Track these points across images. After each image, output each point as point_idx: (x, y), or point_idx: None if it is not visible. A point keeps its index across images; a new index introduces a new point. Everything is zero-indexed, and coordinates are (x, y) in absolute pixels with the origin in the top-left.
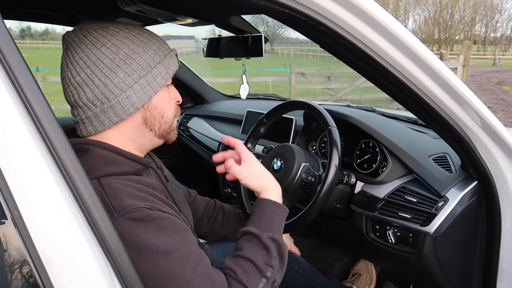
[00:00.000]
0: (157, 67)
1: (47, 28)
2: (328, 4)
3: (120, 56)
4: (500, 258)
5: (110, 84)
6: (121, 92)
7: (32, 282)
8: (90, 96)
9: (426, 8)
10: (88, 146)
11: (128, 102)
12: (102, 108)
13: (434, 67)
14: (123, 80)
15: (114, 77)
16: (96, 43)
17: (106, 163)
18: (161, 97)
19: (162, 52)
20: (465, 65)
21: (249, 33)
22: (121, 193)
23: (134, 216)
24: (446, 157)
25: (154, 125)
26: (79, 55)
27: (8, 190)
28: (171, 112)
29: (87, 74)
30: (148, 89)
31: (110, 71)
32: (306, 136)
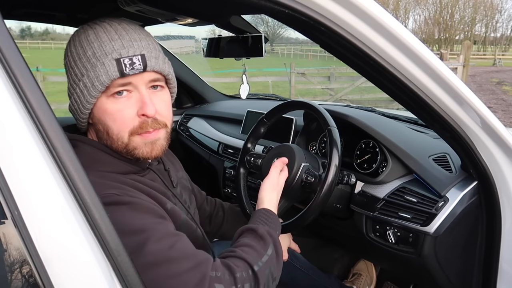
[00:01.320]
0: (84, 79)
1: (47, 28)
2: (328, 4)
3: (68, 63)
4: (500, 258)
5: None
6: (69, 98)
7: (32, 282)
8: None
9: (426, 8)
10: (76, 142)
11: (72, 111)
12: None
13: (434, 67)
14: (69, 88)
15: (69, 79)
16: (71, 39)
17: (93, 162)
18: (101, 110)
19: (95, 58)
20: (465, 65)
21: (249, 33)
22: (94, 184)
23: (105, 201)
24: (446, 157)
25: (105, 139)
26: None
27: (8, 190)
28: (117, 128)
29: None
30: (79, 101)
31: (68, 72)
32: (306, 136)
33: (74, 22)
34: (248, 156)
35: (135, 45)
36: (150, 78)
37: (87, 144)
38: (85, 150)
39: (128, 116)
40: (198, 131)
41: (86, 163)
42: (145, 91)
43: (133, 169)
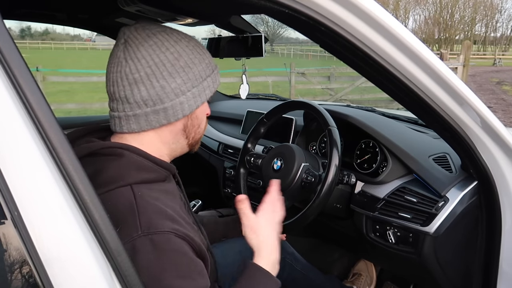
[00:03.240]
0: (207, 80)
1: (47, 28)
2: (328, 4)
3: (180, 63)
4: (500, 258)
5: (167, 88)
6: (176, 97)
7: (32, 282)
8: (144, 95)
9: (426, 8)
10: (122, 150)
11: (179, 107)
12: (153, 109)
13: (434, 67)
14: (179, 86)
15: (172, 82)
16: (161, 46)
17: (139, 170)
18: (203, 108)
19: (212, 66)
20: (465, 65)
21: (249, 33)
22: (151, 208)
23: (155, 238)
24: (446, 157)
25: (190, 133)
26: (142, 53)
27: (8, 190)
28: (205, 123)
29: (147, 73)
30: (197, 99)
31: (170, 76)
32: (306, 136)
33: (74, 22)
34: (248, 156)
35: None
36: None
37: (135, 153)
38: (132, 159)
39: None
40: None
41: (135, 171)
42: None
43: (166, 174)
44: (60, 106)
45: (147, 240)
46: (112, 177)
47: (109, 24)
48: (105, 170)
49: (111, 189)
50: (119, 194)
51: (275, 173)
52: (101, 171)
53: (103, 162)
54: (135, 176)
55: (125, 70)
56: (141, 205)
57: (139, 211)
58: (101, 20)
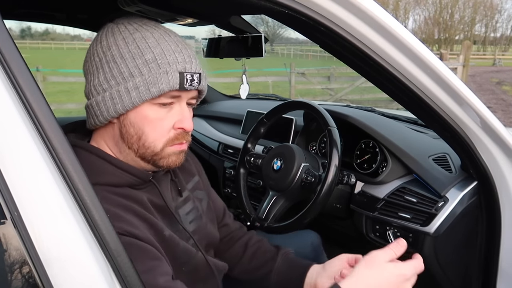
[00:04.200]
0: (137, 80)
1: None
2: (328, 4)
3: (107, 57)
4: (500, 258)
5: (91, 83)
6: (97, 94)
7: (32, 282)
8: (85, 90)
9: (426, 8)
10: (77, 149)
11: (98, 107)
12: (86, 105)
13: (434, 67)
14: (101, 83)
15: (95, 78)
16: (97, 39)
17: (93, 172)
18: (141, 115)
19: (157, 64)
20: (465, 65)
21: (249, 33)
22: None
23: None
24: (446, 157)
25: (131, 143)
26: (90, 48)
27: (8, 190)
28: (154, 137)
29: (85, 67)
30: (118, 100)
31: (96, 70)
32: (306, 136)
33: (74, 22)
34: (248, 156)
35: (193, 62)
36: (193, 96)
37: (92, 153)
38: (88, 159)
39: (166, 127)
40: (198, 131)
41: (88, 173)
42: (185, 106)
43: (134, 182)
44: (60, 106)
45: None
46: None
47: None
48: None
49: None
50: None
51: (275, 173)
52: None
53: None
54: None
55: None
56: None
57: None
58: (101, 20)
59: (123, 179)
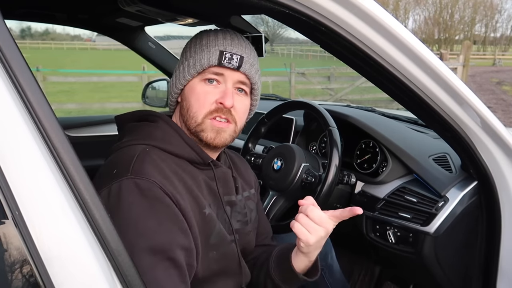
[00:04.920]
0: (191, 58)
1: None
2: (328, 4)
3: (188, 44)
4: (500, 258)
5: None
6: (173, 74)
7: (33, 281)
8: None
9: (426, 8)
10: (157, 118)
11: (170, 87)
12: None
13: (434, 67)
14: (178, 65)
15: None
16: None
17: (164, 138)
18: (191, 89)
19: (202, 45)
20: (465, 65)
21: (249, 33)
22: (149, 161)
23: (140, 183)
24: (446, 157)
25: (184, 116)
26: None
27: (9, 189)
28: (197, 107)
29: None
30: (180, 75)
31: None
32: (306, 136)
33: (74, 22)
34: (248, 156)
35: (239, 47)
36: (240, 79)
37: (166, 122)
38: (163, 128)
39: (209, 100)
40: None
41: (160, 138)
42: (231, 86)
43: (195, 159)
44: (60, 106)
45: (132, 182)
46: (139, 136)
47: (109, 24)
48: (138, 130)
49: (131, 144)
50: (133, 148)
51: (275, 173)
52: (134, 131)
53: (142, 125)
54: (157, 140)
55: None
56: (141, 156)
57: (137, 159)
58: (101, 20)
59: (185, 151)
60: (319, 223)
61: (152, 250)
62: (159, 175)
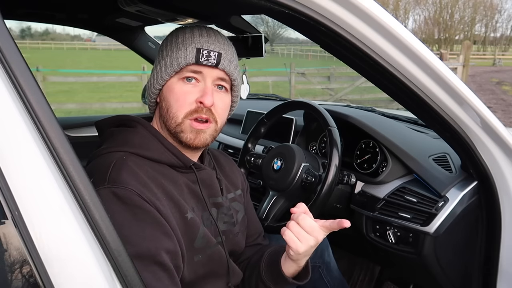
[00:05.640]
0: (168, 58)
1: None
2: (328, 4)
3: (164, 44)
4: (500, 257)
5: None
6: (151, 74)
7: (33, 282)
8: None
9: (426, 8)
10: (135, 123)
11: (148, 88)
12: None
13: (434, 67)
14: (154, 65)
15: (155, 61)
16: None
17: (142, 144)
18: (169, 89)
19: (180, 44)
20: (465, 65)
21: (249, 33)
22: (125, 168)
23: (117, 192)
24: (446, 157)
25: (163, 117)
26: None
27: (9, 190)
28: (176, 107)
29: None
30: (158, 76)
31: (157, 54)
32: (306, 136)
33: (74, 22)
34: (248, 156)
35: (217, 44)
36: (219, 76)
37: (144, 127)
38: (141, 132)
39: (188, 99)
40: None
41: (137, 144)
42: (210, 84)
43: (175, 163)
44: (60, 106)
45: (109, 191)
46: (117, 142)
47: (109, 24)
48: (116, 136)
49: (109, 152)
50: (110, 155)
51: (275, 173)
52: (113, 137)
53: (120, 131)
54: (135, 147)
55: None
56: (118, 164)
57: (113, 168)
58: (101, 20)
59: (164, 156)
60: (310, 233)
61: (139, 256)
62: (136, 182)
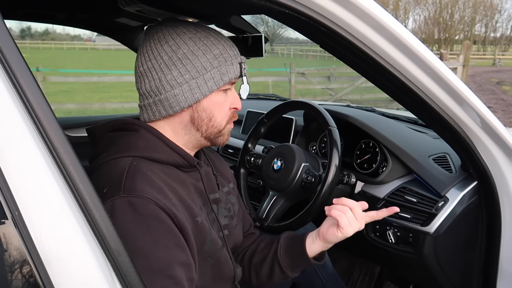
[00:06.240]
0: (212, 71)
1: (47, 28)
2: (328, 4)
3: (178, 55)
4: (500, 257)
5: (163, 80)
6: (171, 89)
7: (33, 282)
8: (147, 87)
9: (426, 8)
10: (138, 127)
11: (175, 99)
12: (154, 100)
13: (434, 67)
14: (175, 78)
15: (168, 74)
16: (161, 39)
17: (148, 147)
18: (212, 101)
19: (224, 58)
20: (465, 65)
21: (249, 33)
22: (140, 176)
23: (133, 201)
24: (446, 157)
25: (201, 126)
26: (146, 48)
27: (9, 190)
28: (221, 117)
29: (148, 66)
30: (196, 91)
31: (166, 68)
32: (306, 136)
33: (74, 22)
34: (248, 156)
35: (240, 53)
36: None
37: (147, 130)
38: (145, 136)
39: (227, 108)
40: None
41: (143, 146)
42: (234, 89)
43: (181, 163)
44: (60, 106)
45: (125, 201)
46: (121, 148)
47: (109, 24)
48: (118, 141)
49: (115, 158)
50: (118, 162)
51: (275, 173)
52: (114, 142)
53: (121, 135)
54: (141, 150)
55: (136, 63)
56: (131, 171)
57: (127, 175)
58: (101, 20)
59: (171, 157)
60: (359, 220)
61: (151, 269)
62: (152, 189)
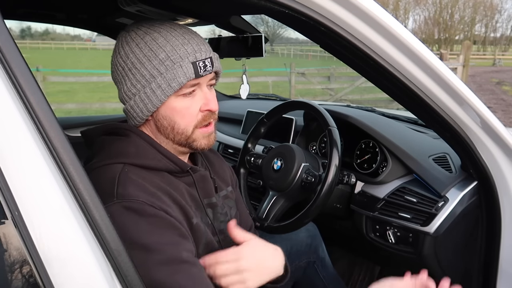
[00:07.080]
0: (158, 79)
1: (47, 28)
2: (328, 4)
3: (128, 65)
4: (500, 258)
5: (122, 91)
6: (129, 99)
7: (32, 282)
8: (119, 96)
9: (426, 8)
10: (129, 132)
11: (133, 110)
12: (124, 109)
13: (434, 67)
14: (129, 89)
15: (124, 85)
16: (116, 49)
17: (138, 153)
18: (170, 108)
19: (171, 61)
20: (465, 65)
21: (249, 33)
22: (131, 182)
23: (129, 205)
24: (446, 157)
25: (167, 134)
26: (112, 57)
27: (9, 190)
28: (185, 123)
29: (113, 77)
30: (147, 101)
31: (122, 79)
32: (306, 136)
33: (74, 22)
34: (248, 156)
35: (203, 48)
36: (211, 77)
37: (138, 135)
38: (136, 141)
39: (193, 112)
40: None
41: (134, 153)
42: (206, 89)
43: (173, 169)
44: (60, 106)
45: (120, 206)
46: (112, 153)
47: (109, 24)
48: (109, 146)
49: (106, 164)
50: (109, 169)
51: (275, 173)
52: (105, 147)
53: (112, 140)
54: (132, 157)
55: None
56: (122, 178)
57: (119, 182)
58: (101, 20)
59: (162, 163)
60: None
61: (165, 262)
62: (145, 194)
